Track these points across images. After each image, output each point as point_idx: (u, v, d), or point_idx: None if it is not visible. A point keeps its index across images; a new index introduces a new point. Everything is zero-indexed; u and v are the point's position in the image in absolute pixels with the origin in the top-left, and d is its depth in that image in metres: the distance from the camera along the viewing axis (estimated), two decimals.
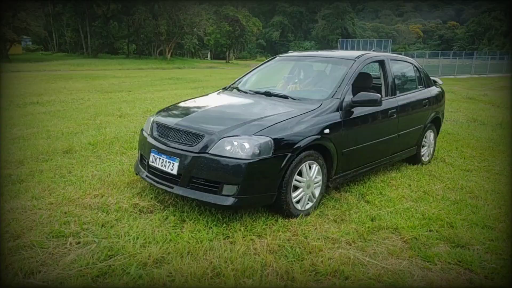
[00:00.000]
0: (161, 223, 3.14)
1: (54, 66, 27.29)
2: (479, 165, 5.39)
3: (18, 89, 12.71)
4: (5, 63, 29.67)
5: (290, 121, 3.34)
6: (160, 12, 38.69)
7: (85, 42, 42.30)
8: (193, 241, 2.87)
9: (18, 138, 5.80)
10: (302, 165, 3.34)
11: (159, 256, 2.65)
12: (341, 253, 2.85)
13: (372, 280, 2.56)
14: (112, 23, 42.93)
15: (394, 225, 3.34)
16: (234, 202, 3.03)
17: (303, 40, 72.01)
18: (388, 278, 2.59)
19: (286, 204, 3.28)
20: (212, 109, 3.81)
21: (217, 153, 3.08)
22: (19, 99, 10.10)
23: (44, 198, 3.51)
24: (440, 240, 3.15)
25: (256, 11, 74.43)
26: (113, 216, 3.22)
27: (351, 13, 71.36)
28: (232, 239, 2.96)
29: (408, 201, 3.93)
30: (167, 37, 39.16)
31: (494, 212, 3.72)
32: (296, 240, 3.01)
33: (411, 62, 5.14)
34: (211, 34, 47.86)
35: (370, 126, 4.07)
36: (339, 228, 3.25)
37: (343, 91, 3.81)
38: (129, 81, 17.63)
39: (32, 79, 16.59)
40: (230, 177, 3.03)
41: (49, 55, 42.57)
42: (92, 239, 2.82)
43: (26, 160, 4.63)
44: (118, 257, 2.59)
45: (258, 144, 3.06)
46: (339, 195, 3.99)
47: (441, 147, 6.28)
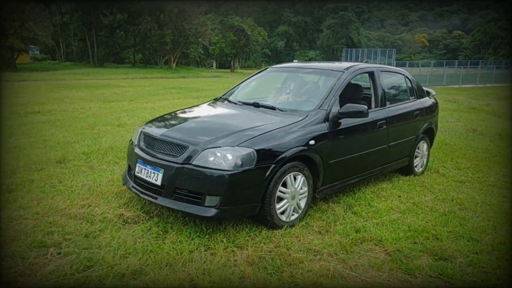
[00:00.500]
0: (143, 233, 3.16)
1: (60, 75, 27.64)
2: (473, 176, 5.35)
3: (22, 98, 12.88)
4: (12, 72, 30.13)
5: (275, 133, 3.35)
6: (165, 22, 39.14)
7: (91, 51, 42.83)
8: (173, 252, 2.87)
9: (14, 148, 5.87)
10: (286, 176, 3.35)
11: (138, 267, 2.66)
12: (322, 265, 2.84)
13: None
14: (119, 33, 43.46)
15: (378, 237, 3.33)
16: (216, 213, 3.04)
17: (308, 50, 72.28)
18: None
19: (270, 215, 3.28)
20: (198, 120, 3.84)
21: (200, 164, 3.10)
22: (20, 108, 10.23)
23: (31, 208, 3.55)
24: (423, 253, 3.13)
25: (262, 21, 74.99)
26: (97, 227, 3.24)
27: (356, 23, 71.65)
28: (213, 251, 2.96)
29: (396, 212, 3.92)
30: (172, 47, 39.56)
31: (482, 225, 3.69)
32: (277, 252, 3.01)
33: (403, 73, 5.16)
34: (216, 44, 48.27)
35: (357, 137, 4.08)
36: (323, 240, 3.24)
37: (330, 103, 3.82)
38: (132, 90, 17.79)
39: (37, 88, 16.80)
40: (212, 188, 3.04)
41: (56, 64, 43.10)
42: (73, 250, 2.84)
43: (18, 169, 4.68)
44: (96, 268, 2.61)
45: (241, 156, 3.07)
46: (327, 206, 3.99)
47: (436, 158, 6.25)
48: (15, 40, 32.90)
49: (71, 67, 39.51)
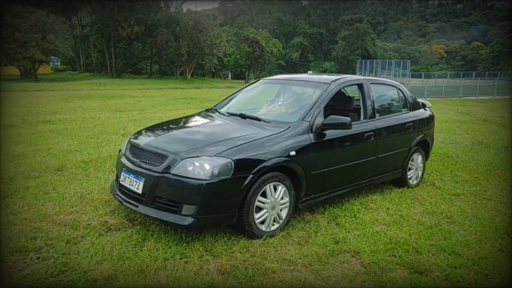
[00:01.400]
0: (123, 241, 3.23)
1: (77, 86, 28.38)
2: (470, 189, 5.27)
3: (36, 108, 13.29)
4: (32, 82, 31.13)
5: (254, 143, 3.41)
6: (181, 34, 39.91)
7: (110, 62, 43.91)
8: (148, 259, 2.94)
9: (18, 155, 6.08)
10: (266, 186, 3.39)
11: (111, 273, 2.73)
12: (294, 276, 2.86)
13: None
14: (136, 45, 44.47)
15: (357, 248, 3.32)
16: (192, 222, 3.09)
17: (323, 61, 72.34)
18: None
19: (248, 225, 3.32)
20: (182, 131, 3.93)
21: (178, 173, 3.17)
22: (33, 117, 10.57)
23: (21, 214, 3.68)
24: (400, 266, 3.11)
25: (277, 32, 75.59)
26: (80, 233, 3.34)
27: (371, 34, 71.46)
28: (188, 259, 3.01)
29: (380, 224, 3.90)
30: (187, 58, 40.26)
31: (467, 239, 3.64)
32: (252, 261, 3.04)
33: (395, 85, 5.16)
34: (231, 55, 48.85)
35: (343, 148, 4.09)
36: (300, 250, 3.26)
37: (314, 114, 3.86)
38: (144, 100, 18.14)
39: (53, 98, 17.31)
40: (189, 197, 3.11)
41: (75, 75, 44.32)
42: (51, 255, 2.93)
43: (17, 176, 4.85)
44: (70, 273, 2.69)
45: (218, 165, 3.14)
46: (311, 217, 4.00)
47: (435, 170, 6.18)
48: (36, 52, 34.02)
49: (90, 77, 40.55)
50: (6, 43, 32.75)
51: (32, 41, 33.61)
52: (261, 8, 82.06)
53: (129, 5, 41.05)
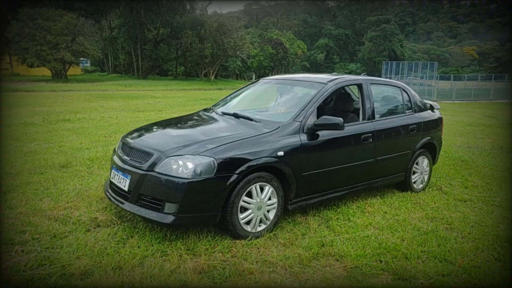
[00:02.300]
0: (108, 237, 3.28)
1: (104, 86, 29.19)
2: (479, 195, 5.05)
3: (59, 107, 13.74)
4: (62, 83, 32.27)
5: (241, 143, 3.38)
6: (206, 36, 40.37)
7: (136, 64, 44.91)
8: (128, 256, 2.96)
9: (30, 152, 6.29)
10: (251, 186, 3.35)
11: (88, 268, 2.77)
12: (270, 278, 2.81)
13: None
14: (162, 47, 45.30)
15: (342, 252, 3.23)
16: (173, 220, 3.10)
17: (348, 62, 71.40)
18: None
19: (232, 225, 3.29)
20: (173, 129, 3.95)
21: (162, 171, 3.18)
22: (53, 116, 10.92)
23: (17, 208, 3.80)
24: (384, 271, 3.00)
25: (302, 34, 75.21)
26: (68, 228, 3.41)
27: (399, 35, 69.91)
28: (168, 257, 3.02)
29: (373, 228, 3.78)
30: (211, 60, 40.69)
31: (463, 246, 3.48)
32: (231, 262, 3.01)
33: (399, 86, 5.00)
34: (254, 57, 48.96)
35: (337, 150, 4.00)
36: (283, 252, 3.20)
37: (306, 114, 3.80)
38: (164, 101, 18.44)
39: (77, 98, 17.85)
40: (171, 195, 3.11)
41: (104, 76, 45.58)
42: (35, 249, 3.01)
43: (23, 172, 5.02)
44: (48, 267, 2.75)
45: (200, 164, 3.13)
46: (302, 219, 3.93)
47: (445, 175, 5.97)
48: (66, 53, 35.21)
49: (117, 78, 41.61)
50: (39, 45, 34.10)
51: (62, 43, 34.82)
52: (286, 9, 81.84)
53: (156, 7, 41.87)
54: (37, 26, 34.18)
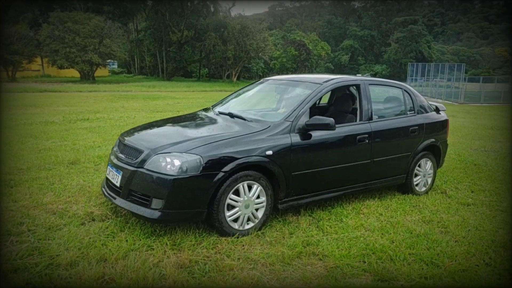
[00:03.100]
0: (99, 230, 3.40)
1: (128, 87, 29.91)
2: (484, 199, 4.92)
3: (81, 107, 14.20)
4: (89, 84, 33.34)
5: (229, 141, 3.43)
6: (229, 38, 40.73)
7: (161, 66, 45.82)
8: (114, 249, 3.06)
9: (44, 149, 6.56)
10: (238, 184, 3.40)
11: (75, 259, 2.89)
12: (249, 274, 2.85)
13: None
14: (186, 49, 46.02)
15: (326, 252, 3.23)
16: (160, 216, 3.19)
17: (374, 64, 70.29)
18: None
19: (218, 222, 3.35)
20: (166, 128, 4.05)
21: (150, 168, 3.28)
22: (73, 116, 11.32)
23: (21, 201, 3.99)
24: (366, 272, 2.99)
25: (327, 35, 74.63)
26: (64, 221, 3.56)
27: (427, 36, 68.25)
28: (153, 252, 3.10)
29: (364, 230, 3.76)
30: (233, 62, 41.02)
31: (454, 250, 3.40)
32: (214, 258, 3.07)
33: (401, 87, 4.93)
34: (277, 58, 48.98)
35: (329, 150, 3.99)
36: (267, 250, 3.23)
37: (298, 114, 3.82)
38: (184, 102, 18.73)
39: (100, 98, 18.40)
40: (158, 192, 3.20)
41: (130, 77, 46.72)
42: (29, 239, 3.16)
43: (33, 168, 5.25)
44: (36, 256, 2.89)
45: (187, 161, 3.21)
46: (294, 219, 3.95)
47: (453, 178, 5.83)
48: (94, 55, 36.33)
49: (142, 80, 42.59)
50: (68, 47, 35.35)
51: (90, 45, 35.94)
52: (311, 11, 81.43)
53: (180, 10, 42.60)
54: (67, 29, 35.44)
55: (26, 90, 21.84)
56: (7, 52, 35.16)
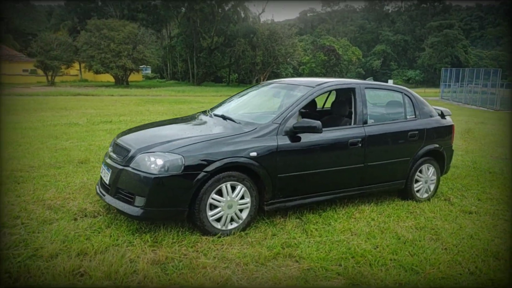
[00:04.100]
0: (88, 226, 3.55)
1: (158, 92, 30.70)
2: (490, 208, 4.72)
3: (108, 110, 14.74)
4: (123, 88, 34.53)
5: (213, 142, 3.50)
6: (257, 44, 41.07)
7: (192, 71, 46.81)
8: (96, 244, 3.19)
9: (61, 149, 6.88)
10: (221, 185, 3.46)
11: (56, 252, 3.03)
12: (220, 273, 2.89)
13: None
14: (216, 54, 46.78)
15: (304, 254, 3.22)
16: (141, 213, 3.29)
17: (407, 69, 68.55)
18: None
19: (200, 221, 3.42)
20: (158, 128, 4.17)
21: (135, 166, 3.40)
22: (98, 118, 11.78)
23: (23, 197, 4.22)
24: (339, 276, 2.95)
25: (358, 40, 73.60)
26: (57, 216, 3.74)
27: (463, 41, 65.85)
28: (132, 247, 3.20)
29: (351, 234, 3.70)
30: (262, 67, 41.30)
31: (440, 257, 3.30)
32: (191, 256, 3.13)
33: (401, 91, 4.83)
34: (306, 64, 48.80)
35: (319, 153, 3.97)
36: (245, 251, 3.26)
37: (286, 117, 3.84)
38: (208, 106, 18.85)
39: (128, 102, 19.02)
40: (140, 190, 3.31)
41: (162, 82, 48.02)
42: (20, 232, 3.35)
43: (43, 166, 5.54)
44: (21, 248, 3.06)
45: (168, 161, 3.30)
46: (281, 220, 3.95)
47: (461, 185, 5.63)
48: (127, 61, 37.63)
49: (174, 85, 43.61)
50: (103, 53, 36.83)
51: (124, 51, 37.25)
52: (343, 16, 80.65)
53: (211, 17, 43.41)
54: (102, 35, 36.93)
55: (61, 94, 22.92)
56: (48, 57, 37.12)
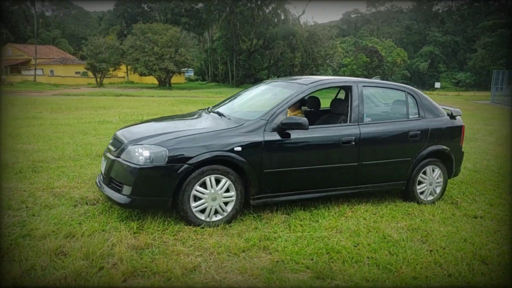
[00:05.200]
0: (83, 212, 3.80)
1: (197, 93, 31.54)
2: (498, 213, 4.50)
3: (142, 109, 15.35)
4: (165, 90, 35.82)
5: (198, 136, 3.63)
6: (296, 46, 40.97)
7: (231, 73, 47.55)
8: (85, 228, 3.42)
9: (86, 144, 7.31)
10: (205, 177, 3.58)
11: (48, 233, 3.28)
12: (191, 260, 3.01)
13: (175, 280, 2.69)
14: (255, 57, 47.19)
15: (279, 247, 3.27)
16: (128, 201, 3.49)
17: (457, 71, 65.31)
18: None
19: (183, 212, 3.56)
20: (155, 123, 4.37)
21: (124, 158, 3.61)
22: (130, 117, 12.32)
23: (35, 184, 4.58)
24: (308, 269, 2.97)
25: (404, 41, 71.17)
26: (59, 202, 4.03)
27: None
28: (118, 233, 3.40)
29: (335, 231, 3.69)
30: (300, 69, 41.09)
31: (421, 259, 3.20)
32: (169, 243, 3.28)
33: (404, 90, 4.70)
34: (347, 65, 47.95)
35: (308, 150, 3.98)
36: (223, 241, 3.35)
37: (275, 113, 3.89)
38: None
39: (164, 102, 19.70)
40: (127, 179, 3.51)
41: (203, 84, 49.16)
42: (21, 214, 3.66)
43: (63, 158, 5.95)
44: (17, 227, 3.35)
45: (154, 153, 3.47)
46: (269, 215, 4.00)
47: (476, 189, 5.39)
48: (169, 64, 38.94)
49: (214, 87, 44.52)
50: (147, 56, 38.36)
51: (166, 54, 38.56)
52: (388, 17, 78.36)
53: (251, 20, 43.89)
54: (147, 39, 38.48)
55: (104, 94, 24.18)
56: (96, 60, 39.29)
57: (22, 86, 30.81)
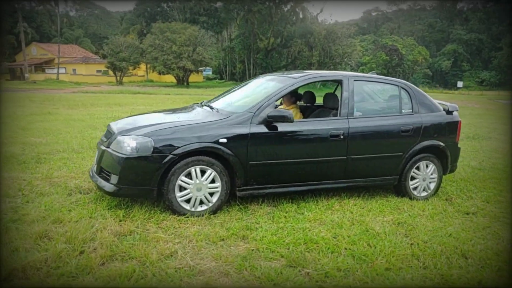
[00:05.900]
0: (75, 200, 3.95)
1: (213, 92, 31.51)
2: (493, 210, 4.42)
3: (154, 106, 15.53)
4: (182, 88, 36.25)
5: (184, 128, 3.71)
6: (314, 44, 40.80)
7: (249, 72, 47.74)
8: (73, 215, 3.55)
9: (92, 138, 7.52)
10: (190, 168, 3.67)
11: (37, 219, 3.43)
12: (168, 247, 3.10)
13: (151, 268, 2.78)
14: (273, 55, 47.21)
15: (258, 237, 3.32)
16: (114, 190, 3.61)
17: (481, 70, 63.53)
18: (176, 273, 2.76)
19: (168, 201, 3.66)
20: (147, 115, 4.48)
21: (113, 148, 3.73)
22: None
23: (36, 174, 4.78)
24: (282, 258, 3.02)
25: (427, 39, 69.71)
26: (54, 191, 4.19)
27: None
28: (105, 220, 3.52)
29: (317, 223, 3.71)
30: (317, 67, 40.88)
31: (399, 252, 3.19)
32: (151, 231, 3.37)
33: (397, 84, 4.66)
34: (366, 64, 47.34)
35: (294, 143, 4.02)
36: (204, 230, 3.43)
37: (262, 106, 3.94)
38: None
39: (178, 100, 19.96)
40: (115, 168, 3.63)
41: (221, 83, 49.49)
42: (16, 200, 3.83)
43: (67, 150, 6.16)
44: (10, 213, 3.51)
45: (140, 143, 3.58)
46: (256, 207, 4.05)
47: (474, 186, 5.30)
48: (187, 62, 39.37)
49: (231, 85, 44.74)
50: (166, 55, 38.91)
51: (184, 53, 39.01)
52: (410, 15, 76.86)
53: (269, 19, 43.92)
54: (165, 38, 39.01)
55: (122, 92, 24.70)
56: (117, 59, 40.10)
57: (44, 84, 31.81)
